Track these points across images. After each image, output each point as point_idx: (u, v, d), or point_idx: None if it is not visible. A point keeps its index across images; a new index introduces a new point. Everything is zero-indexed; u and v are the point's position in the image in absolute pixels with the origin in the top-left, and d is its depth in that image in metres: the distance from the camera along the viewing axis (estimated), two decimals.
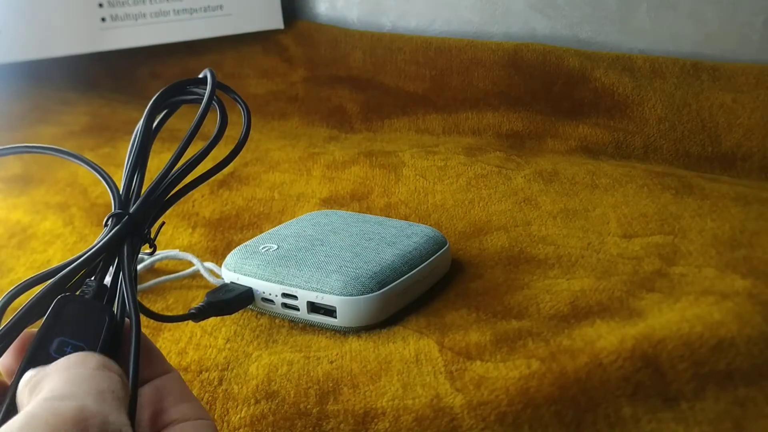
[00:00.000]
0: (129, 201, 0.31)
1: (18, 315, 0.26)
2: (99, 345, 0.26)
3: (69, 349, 0.25)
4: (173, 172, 0.31)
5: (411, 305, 0.44)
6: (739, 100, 0.69)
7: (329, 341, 0.41)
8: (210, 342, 0.41)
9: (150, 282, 0.48)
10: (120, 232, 0.29)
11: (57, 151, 0.33)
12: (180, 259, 0.50)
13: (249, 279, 0.43)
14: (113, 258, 0.29)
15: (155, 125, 0.33)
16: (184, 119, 0.34)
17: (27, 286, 0.28)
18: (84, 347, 0.25)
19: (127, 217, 0.29)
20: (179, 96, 0.34)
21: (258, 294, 0.43)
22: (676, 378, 0.33)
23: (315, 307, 0.42)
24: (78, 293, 0.28)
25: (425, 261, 0.44)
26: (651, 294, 0.41)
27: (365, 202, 0.60)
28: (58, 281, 0.27)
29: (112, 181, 0.31)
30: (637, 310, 0.39)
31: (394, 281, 0.42)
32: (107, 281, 0.28)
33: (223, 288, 0.43)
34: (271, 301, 0.43)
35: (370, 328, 0.41)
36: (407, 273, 0.43)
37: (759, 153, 0.66)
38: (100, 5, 0.91)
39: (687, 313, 0.36)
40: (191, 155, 0.32)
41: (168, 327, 0.43)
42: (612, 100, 0.73)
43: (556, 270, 0.46)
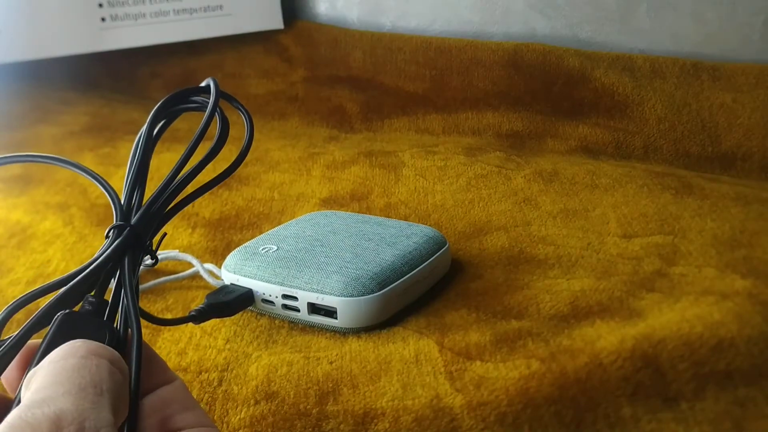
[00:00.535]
0: (131, 212, 0.31)
1: (20, 333, 0.26)
2: None
3: None
4: (174, 182, 0.31)
5: (411, 305, 0.44)
6: (739, 100, 0.69)
7: (329, 342, 0.41)
8: (210, 342, 0.41)
9: (150, 282, 0.48)
10: (122, 244, 0.29)
11: (60, 161, 0.33)
12: (180, 260, 0.50)
13: (249, 280, 0.43)
14: (115, 270, 0.29)
15: (155, 134, 0.33)
16: (183, 119, 0.34)
17: (29, 299, 0.28)
18: None
19: (129, 229, 0.29)
20: (181, 105, 0.33)
21: (258, 295, 0.43)
22: (676, 378, 0.33)
23: (315, 308, 0.42)
24: (79, 307, 0.28)
25: (425, 261, 0.44)
26: (651, 294, 0.41)
27: (365, 202, 0.60)
28: (60, 298, 0.27)
29: (114, 192, 0.31)
30: (637, 310, 0.39)
31: (394, 282, 0.42)
32: (109, 293, 0.28)
33: (223, 290, 0.43)
34: (272, 303, 0.43)
35: (370, 328, 0.41)
36: (407, 273, 0.43)
37: (759, 153, 0.66)
38: (100, 5, 0.91)
39: (687, 313, 0.37)
40: (192, 164, 0.32)
41: (168, 328, 0.43)
42: (612, 100, 0.73)
43: (556, 270, 0.46)
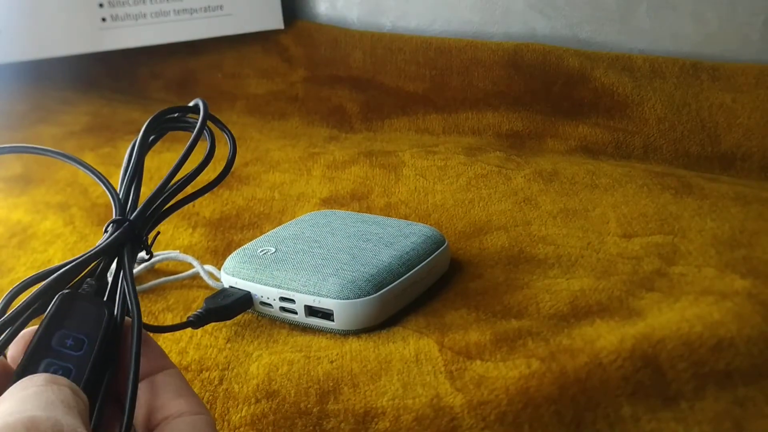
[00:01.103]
0: (129, 208, 0.32)
1: (19, 307, 0.27)
2: (99, 337, 0.26)
3: (70, 342, 0.26)
4: (168, 188, 0.33)
5: (411, 305, 0.44)
6: (739, 100, 0.69)
7: (329, 341, 0.41)
8: (210, 342, 0.41)
9: (150, 283, 0.48)
10: (121, 236, 0.30)
11: (59, 155, 0.34)
12: (181, 261, 0.50)
13: (247, 283, 0.43)
14: (113, 260, 0.30)
15: (148, 143, 0.35)
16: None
17: (28, 284, 0.28)
18: (85, 339, 0.26)
19: (128, 224, 0.31)
20: (169, 123, 0.35)
21: (256, 298, 0.43)
22: (675, 378, 0.33)
23: (312, 311, 0.42)
24: (79, 291, 0.29)
25: (423, 261, 0.44)
26: (651, 294, 0.41)
27: (365, 201, 0.60)
28: (59, 277, 0.28)
29: (113, 188, 0.32)
30: (637, 309, 0.40)
31: (391, 283, 0.42)
32: (107, 280, 0.30)
33: (222, 293, 0.43)
34: (270, 305, 0.43)
35: (368, 330, 0.41)
36: (405, 274, 0.43)
37: (759, 153, 0.66)
38: (100, 5, 0.91)
39: (687, 313, 0.37)
40: (182, 175, 0.33)
41: None
42: (612, 100, 0.73)
43: (555, 270, 0.46)
